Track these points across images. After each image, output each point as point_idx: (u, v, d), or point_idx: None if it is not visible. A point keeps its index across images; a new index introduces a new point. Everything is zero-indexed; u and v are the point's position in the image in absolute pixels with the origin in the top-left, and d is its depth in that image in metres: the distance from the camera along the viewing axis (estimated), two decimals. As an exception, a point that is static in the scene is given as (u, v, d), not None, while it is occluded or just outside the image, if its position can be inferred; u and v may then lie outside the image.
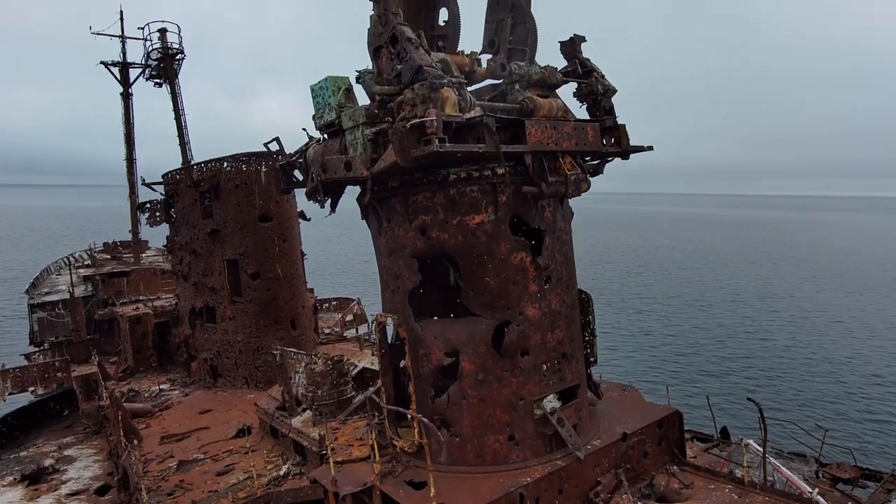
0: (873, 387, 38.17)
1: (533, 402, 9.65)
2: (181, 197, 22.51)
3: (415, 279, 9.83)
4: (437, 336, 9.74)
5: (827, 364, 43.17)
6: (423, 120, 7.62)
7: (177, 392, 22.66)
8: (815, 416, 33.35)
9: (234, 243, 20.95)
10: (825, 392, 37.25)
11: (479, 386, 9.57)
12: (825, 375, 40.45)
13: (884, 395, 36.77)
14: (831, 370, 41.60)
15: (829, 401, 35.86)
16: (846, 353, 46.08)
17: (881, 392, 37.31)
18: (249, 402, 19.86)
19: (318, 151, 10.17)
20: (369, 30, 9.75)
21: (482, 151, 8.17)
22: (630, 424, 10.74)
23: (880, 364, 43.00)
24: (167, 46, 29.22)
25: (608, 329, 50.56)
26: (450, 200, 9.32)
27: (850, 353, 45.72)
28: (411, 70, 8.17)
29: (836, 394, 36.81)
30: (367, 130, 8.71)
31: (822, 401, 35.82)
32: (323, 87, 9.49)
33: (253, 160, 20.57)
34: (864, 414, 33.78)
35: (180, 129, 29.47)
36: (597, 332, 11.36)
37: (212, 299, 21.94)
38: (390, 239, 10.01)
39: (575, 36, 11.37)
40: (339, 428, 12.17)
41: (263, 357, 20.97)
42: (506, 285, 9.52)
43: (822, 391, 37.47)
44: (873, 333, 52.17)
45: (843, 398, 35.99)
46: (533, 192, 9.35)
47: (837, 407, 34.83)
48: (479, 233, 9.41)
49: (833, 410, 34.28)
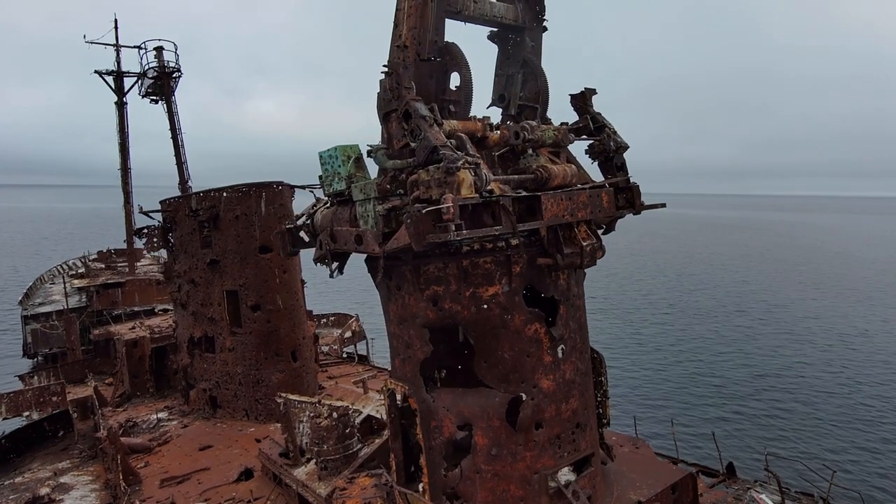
0: (885, 422, 37.26)
1: (548, 476, 9.45)
2: (179, 225, 22.18)
3: (426, 349, 9.60)
4: (449, 408, 9.52)
5: (836, 391, 42.29)
6: (440, 207, 7.39)
7: (175, 423, 22.35)
8: (821, 446, 32.83)
9: (233, 274, 20.65)
10: (833, 425, 36.40)
11: (492, 461, 9.36)
12: (835, 406, 39.37)
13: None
14: (842, 400, 40.51)
15: (836, 431, 35.08)
16: (855, 378, 45.33)
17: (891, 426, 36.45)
18: (249, 437, 19.62)
19: (326, 217, 9.93)
20: (379, 94, 9.51)
21: (499, 234, 7.95)
22: (644, 490, 10.56)
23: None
24: (164, 65, 28.82)
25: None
26: (462, 271, 9.10)
27: (857, 379, 44.99)
28: (425, 150, 7.94)
29: (845, 427, 35.91)
30: (379, 206, 8.47)
31: (831, 434, 35.07)
32: (332, 155, 9.24)
33: (253, 190, 20.28)
34: (873, 452, 33.01)
35: (177, 147, 29.11)
36: (609, 394, 11.17)
37: (211, 329, 21.65)
38: (401, 307, 9.78)
39: (586, 89, 11.14)
40: (346, 488, 11.94)
41: (264, 390, 20.72)
42: (520, 357, 9.32)
43: (831, 423, 36.55)
44: (876, 347, 51.96)
45: (851, 432, 35.21)
46: (548, 264, 9.14)
47: (845, 441, 34.03)
48: (493, 304, 9.19)
49: (841, 445, 33.53)
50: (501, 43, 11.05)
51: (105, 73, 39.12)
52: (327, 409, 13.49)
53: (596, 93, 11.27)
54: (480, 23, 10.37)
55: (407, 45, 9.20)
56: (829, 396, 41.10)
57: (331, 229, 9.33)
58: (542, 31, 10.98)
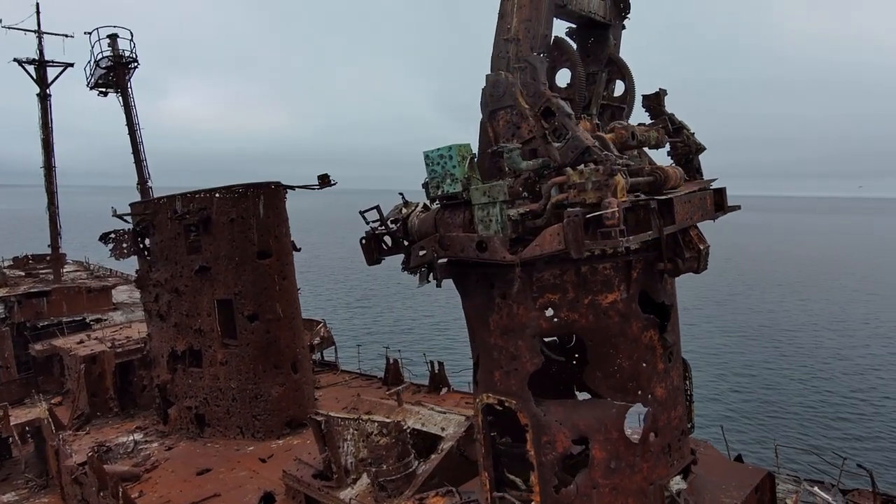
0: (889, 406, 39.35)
1: (662, 487, 9.22)
2: (159, 229, 20.28)
3: (537, 361, 9.10)
4: (562, 422, 9.07)
5: (840, 379, 44.47)
6: (606, 213, 6.93)
7: (156, 445, 20.42)
8: (828, 433, 34.37)
9: (227, 282, 19.09)
10: (840, 411, 38.12)
11: (610, 474, 9.00)
12: (840, 394, 41.35)
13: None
14: (846, 387, 42.59)
15: (843, 419, 36.73)
16: (858, 365, 47.96)
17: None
18: (251, 457, 18.22)
19: (427, 222, 9.19)
20: (484, 90, 8.92)
21: (652, 238, 7.60)
22: (733, 493, 10.55)
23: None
24: (118, 54, 26.33)
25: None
26: (581, 278, 8.67)
27: (861, 366, 47.69)
28: (576, 150, 7.45)
29: (852, 413, 37.72)
30: (513, 210, 7.87)
31: (837, 420, 36.68)
32: (445, 155, 8.52)
33: (251, 191, 18.84)
34: (882, 435, 34.91)
35: (135, 145, 26.69)
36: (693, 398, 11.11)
37: (198, 342, 19.94)
38: (506, 317, 9.21)
39: (660, 90, 11.01)
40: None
41: (262, 405, 19.32)
42: (637, 366, 9.01)
43: (837, 410, 38.23)
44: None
45: (859, 418, 37.07)
46: (668, 269, 8.89)
47: (853, 426, 35.67)
48: (612, 312, 8.82)
49: (849, 430, 35.16)
50: (581, 41, 10.69)
51: (25, 61, 35.40)
52: (377, 425, 12.65)
53: (667, 93, 11.17)
54: (574, 18, 9.97)
55: (519, 38, 8.66)
56: (830, 385, 43.28)
57: (441, 235, 8.61)
58: (622, 28, 10.73)
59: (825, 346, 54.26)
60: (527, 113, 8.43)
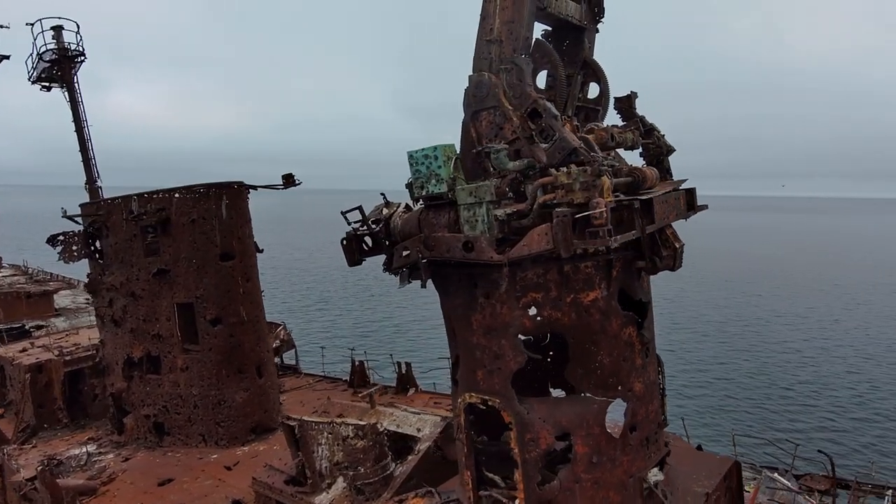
0: (840, 391, 41.24)
1: (641, 479, 9.46)
2: (113, 231, 19.42)
3: (520, 360, 9.19)
4: (545, 419, 9.18)
5: (788, 368, 46.53)
6: (595, 213, 7.07)
7: (111, 456, 19.55)
8: (780, 421, 35.94)
9: (188, 285, 18.45)
10: (791, 401, 39.83)
11: (592, 469, 9.18)
12: (789, 384, 43.23)
13: (850, 400, 40.02)
14: (795, 378, 44.53)
15: (795, 408, 38.48)
16: (808, 356, 50.10)
17: (847, 396, 40.44)
18: (216, 465, 17.69)
19: (410, 223, 9.13)
20: (467, 91, 8.95)
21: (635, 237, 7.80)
22: (704, 482, 10.94)
23: (843, 368, 47.11)
24: (64, 47, 25.03)
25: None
26: (564, 277, 8.81)
27: (810, 357, 49.83)
28: (564, 151, 7.56)
29: (802, 403, 39.48)
30: (500, 211, 7.91)
31: (789, 410, 38.36)
32: (430, 155, 8.49)
33: (213, 191, 18.26)
34: (831, 421, 36.52)
35: (83, 142, 25.42)
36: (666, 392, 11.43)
37: (156, 348, 19.20)
38: (489, 316, 9.25)
39: (632, 93, 11.29)
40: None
41: (226, 411, 18.78)
42: (617, 362, 9.22)
43: (788, 400, 39.94)
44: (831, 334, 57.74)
45: (808, 407, 38.85)
46: (646, 267, 9.13)
47: (804, 415, 37.35)
48: (593, 310, 9.00)
49: (800, 419, 36.80)
50: (557, 43, 10.84)
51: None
52: (352, 428, 12.49)
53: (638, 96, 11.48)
54: (551, 21, 10.10)
55: (502, 39, 8.71)
56: (780, 376, 45.29)
57: (425, 236, 8.57)
58: (596, 31, 10.95)
59: (772, 340, 56.97)
60: (510, 114, 8.51)
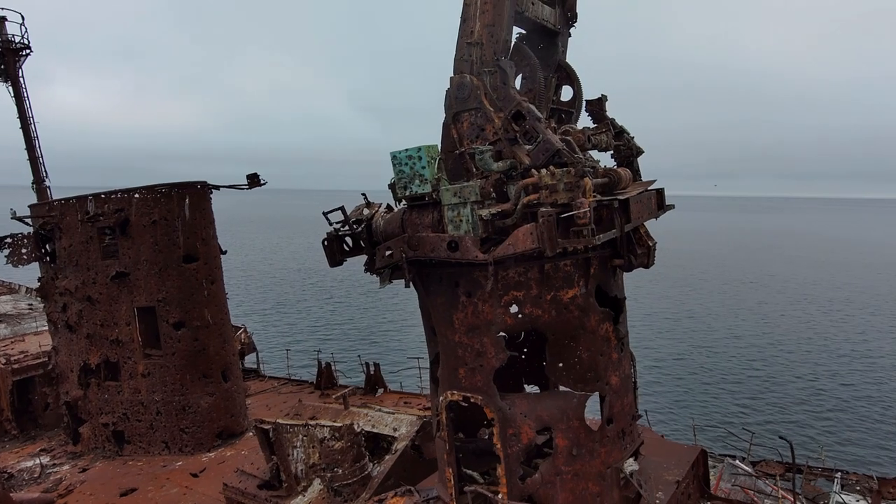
0: (788, 385, 43.21)
1: (618, 469, 9.78)
2: (66, 233, 18.65)
3: (502, 357, 9.35)
4: (526, 414, 9.39)
5: (739, 360, 48.47)
6: (579, 212, 7.30)
7: (67, 467, 18.78)
8: (736, 411, 37.45)
9: (149, 288, 17.90)
10: (744, 390, 41.69)
11: (572, 461, 9.44)
12: (742, 374, 45.22)
13: (801, 389, 42.03)
14: (747, 367, 46.55)
15: (747, 399, 40.23)
16: (754, 346, 52.19)
17: (796, 388, 42.39)
18: (181, 472, 17.24)
19: (392, 223, 9.17)
20: (449, 92, 9.06)
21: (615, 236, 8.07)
22: (674, 470, 11.39)
23: (795, 359, 49.23)
24: (8, 39, 23.85)
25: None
26: (544, 275, 9.03)
27: (761, 350, 51.86)
28: (547, 153, 7.76)
29: (754, 393, 41.25)
30: (485, 211, 8.06)
31: (744, 399, 40.11)
32: (414, 156, 8.55)
33: (175, 192, 17.76)
34: (783, 411, 38.33)
35: (29, 140, 24.27)
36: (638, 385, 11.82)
37: (115, 354, 18.56)
38: (471, 314, 9.38)
39: (602, 96, 11.65)
40: (377, 512, 11.12)
41: (191, 417, 18.31)
42: (595, 357, 9.50)
43: (742, 390, 41.78)
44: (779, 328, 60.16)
45: (761, 397, 40.67)
46: (622, 265, 9.44)
47: (757, 405, 39.07)
48: (573, 307, 9.25)
49: (755, 407, 38.52)
50: (531, 47, 11.07)
51: None
52: (329, 430, 12.43)
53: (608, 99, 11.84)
54: (528, 25, 10.32)
55: (483, 42, 8.86)
56: (733, 366, 47.22)
57: (409, 236, 8.63)
58: (568, 36, 11.24)
59: (721, 331, 59.42)
60: (492, 115, 8.67)
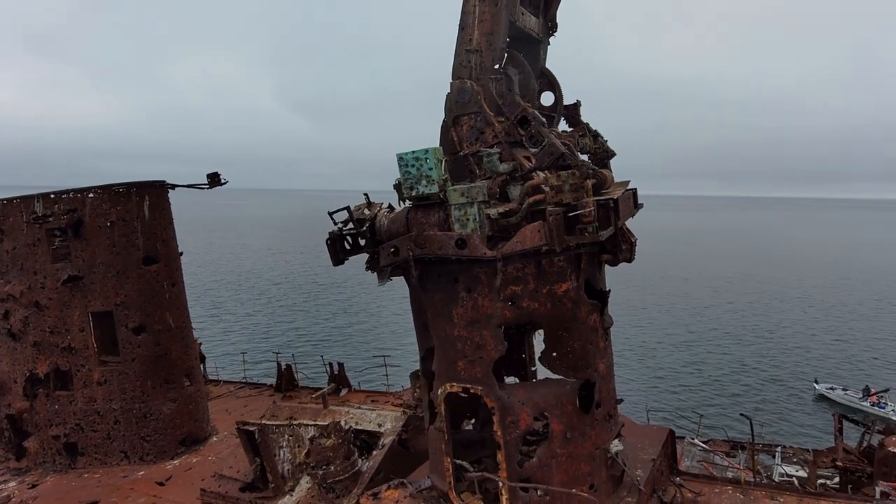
0: (728, 369, 46.70)
1: (605, 450, 10.51)
2: (9, 235, 17.56)
3: (501, 348, 9.84)
4: (524, 402, 9.93)
5: (690, 349, 51.60)
6: (585, 211, 7.89)
7: (14, 484, 17.69)
8: (685, 394, 40.09)
9: (105, 292, 17.14)
10: (695, 375, 44.78)
11: (567, 444, 10.07)
12: (691, 361, 48.56)
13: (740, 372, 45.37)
14: (697, 356, 49.83)
15: (694, 382, 43.28)
16: (705, 336, 55.45)
17: (736, 372, 45.97)
18: (145, 482, 16.68)
19: (397, 223, 9.45)
20: (449, 96, 9.46)
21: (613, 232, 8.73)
22: (649, 450, 12.29)
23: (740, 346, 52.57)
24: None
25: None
26: (541, 271, 9.59)
27: (704, 339, 55.17)
28: (552, 156, 8.29)
29: (701, 377, 44.52)
30: (492, 210, 8.51)
31: (690, 383, 43.15)
32: (420, 158, 8.86)
33: (134, 191, 17.09)
34: (726, 392, 41.34)
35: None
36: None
37: (66, 362, 17.65)
38: (471, 309, 9.81)
39: (577, 101, 12.37)
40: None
41: (153, 424, 17.69)
42: (585, 346, 10.18)
43: (692, 374, 44.94)
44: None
45: (707, 382, 43.79)
46: (609, 260, 10.15)
47: (704, 388, 42.12)
48: (566, 299, 9.87)
49: (701, 391, 41.41)
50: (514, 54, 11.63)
51: None
52: (316, 428, 12.52)
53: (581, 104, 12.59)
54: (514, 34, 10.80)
55: (481, 49, 9.31)
56: (684, 354, 50.13)
57: (416, 234, 8.95)
58: (548, 44, 11.86)
59: (677, 322, 63.03)
60: (491, 119, 9.13)
